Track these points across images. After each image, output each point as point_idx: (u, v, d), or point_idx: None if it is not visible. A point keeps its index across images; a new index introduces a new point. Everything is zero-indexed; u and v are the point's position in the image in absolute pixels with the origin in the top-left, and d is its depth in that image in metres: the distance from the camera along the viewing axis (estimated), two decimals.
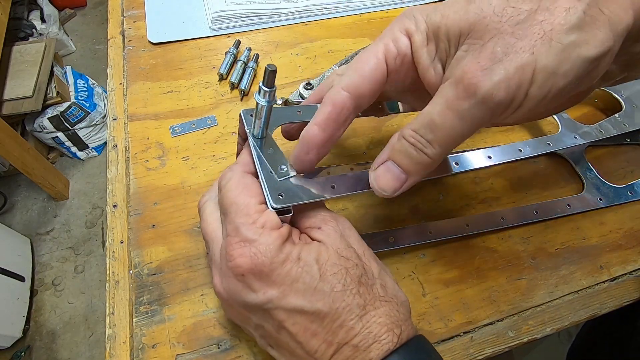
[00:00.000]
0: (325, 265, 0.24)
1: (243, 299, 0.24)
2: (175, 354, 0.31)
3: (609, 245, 0.39)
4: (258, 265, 0.23)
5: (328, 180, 0.28)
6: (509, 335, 0.33)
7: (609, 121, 0.42)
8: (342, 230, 0.27)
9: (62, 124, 1.38)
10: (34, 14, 1.68)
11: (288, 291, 0.23)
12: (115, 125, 0.43)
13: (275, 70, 0.24)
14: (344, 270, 0.24)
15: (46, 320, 1.23)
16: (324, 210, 0.28)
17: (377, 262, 0.27)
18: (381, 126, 0.45)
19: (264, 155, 0.27)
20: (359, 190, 0.28)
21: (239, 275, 0.24)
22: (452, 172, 0.32)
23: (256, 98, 0.26)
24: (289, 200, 0.26)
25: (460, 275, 0.36)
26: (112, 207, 0.38)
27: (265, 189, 0.26)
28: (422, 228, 0.37)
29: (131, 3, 0.56)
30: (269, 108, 0.26)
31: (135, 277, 0.34)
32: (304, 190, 0.27)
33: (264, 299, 0.23)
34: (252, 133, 0.28)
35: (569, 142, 0.38)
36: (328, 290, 0.23)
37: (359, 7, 0.57)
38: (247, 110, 0.29)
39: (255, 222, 0.24)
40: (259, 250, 0.23)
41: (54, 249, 1.36)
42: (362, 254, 0.27)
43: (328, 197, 0.27)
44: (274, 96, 0.26)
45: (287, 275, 0.23)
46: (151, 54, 0.50)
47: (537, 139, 0.37)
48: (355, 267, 0.25)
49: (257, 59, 0.49)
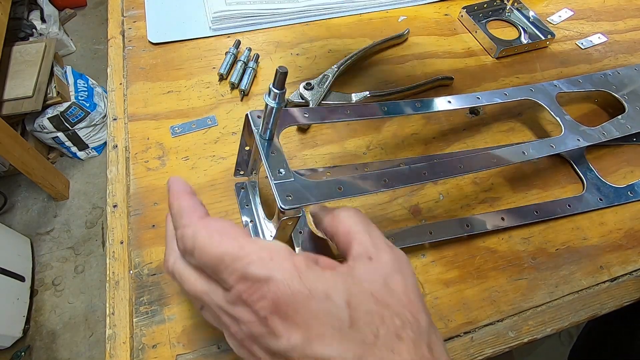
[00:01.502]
0: (357, 310, 0.21)
1: (266, 344, 0.21)
2: (175, 354, 0.31)
3: (609, 245, 0.39)
4: (280, 301, 0.20)
5: (335, 183, 0.28)
6: (510, 335, 0.33)
7: (612, 123, 0.42)
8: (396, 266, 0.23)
9: (62, 124, 1.38)
10: (34, 14, 1.68)
11: (313, 336, 0.20)
12: (115, 126, 0.43)
13: (287, 72, 0.24)
14: (379, 319, 0.21)
15: (46, 320, 1.23)
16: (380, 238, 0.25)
17: (426, 314, 0.23)
18: (381, 126, 0.45)
19: (266, 158, 0.27)
20: (367, 192, 0.28)
21: (262, 319, 0.20)
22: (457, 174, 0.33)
23: (266, 99, 0.26)
24: (297, 201, 0.26)
25: (460, 275, 0.36)
26: (112, 208, 0.38)
27: (275, 190, 0.26)
28: (422, 228, 0.37)
29: (131, 3, 0.56)
30: (278, 110, 0.26)
31: (135, 277, 0.34)
32: (312, 191, 0.27)
33: (288, 345, 0.20)
34: (260, 134, 0.28)
35: (571, 144, 0.38)
36: (359, 340, 0.20)
37: (359, 7, 0.57)
38: (254, 112, 0.29)
39: (261, 257, 0.21)
40: (277, 287, 0.20)
41: (54, 249, 1.36)
42: (410, 301, 0.22)
43: (335, 199, 0.27)
44: (284, 98, 0.26)
45: (312, 315, 0.20)
46: (151, 54, 0.50)
47: (540, 141, 0.37)
48: (394, 316, 0.21)
49: (258, 59, 0.49)
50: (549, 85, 0.44)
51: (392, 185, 0.29)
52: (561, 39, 0.56)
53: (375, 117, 0.35)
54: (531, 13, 0.57)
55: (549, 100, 0.42)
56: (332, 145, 0.43)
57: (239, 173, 0.38)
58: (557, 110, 0.41)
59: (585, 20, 0.59)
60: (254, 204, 0.38)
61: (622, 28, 0.59)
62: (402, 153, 0.43)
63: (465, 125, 0.46)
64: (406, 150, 0.44)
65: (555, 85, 0.44)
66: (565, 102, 0.45)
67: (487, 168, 0.35)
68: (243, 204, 0.38)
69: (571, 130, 0.40)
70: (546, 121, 0.47)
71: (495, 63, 0.53)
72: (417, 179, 0.31)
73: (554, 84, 0.44)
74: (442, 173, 0.32)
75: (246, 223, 0.37)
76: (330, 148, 0.43)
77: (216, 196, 0.39)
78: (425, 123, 0.46)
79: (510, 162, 0.35)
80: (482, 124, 0.47)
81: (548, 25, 0.57)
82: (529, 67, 0.53)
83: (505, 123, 0.47)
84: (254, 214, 0.37)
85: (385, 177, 0.29)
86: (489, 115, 0.47)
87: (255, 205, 0.37)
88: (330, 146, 0.43)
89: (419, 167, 0.31)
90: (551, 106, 0.42)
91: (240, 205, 0.38)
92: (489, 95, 0.41)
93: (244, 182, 0.39)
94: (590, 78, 0.46)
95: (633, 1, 0.63)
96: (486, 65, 0.52)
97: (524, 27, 0.57)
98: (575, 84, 0.45)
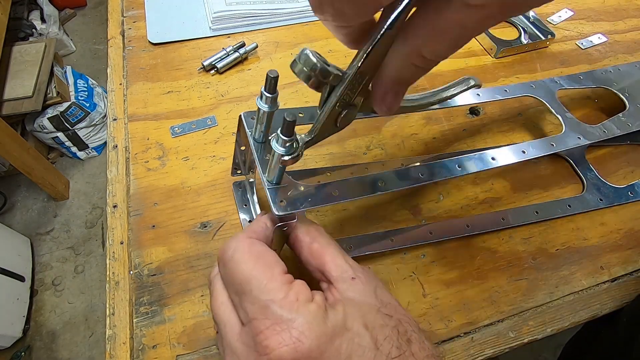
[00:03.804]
0: (375, 330, 0.21)
1: None
2: (175, 355, 0.31)
3: (609, 245, 0.39)
4: (305, 352, 0.19)
5: (330, 187, 0.28)
6: (510, 335, 0.33)
7: (613, 121, 0.42)
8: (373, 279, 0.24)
9: (62, 124, 1.38)
10: (34, 14, 1.68)
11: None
12: (115, 126, 0.43)
13: (277, 76, 0.24)
14: (393, 331, 0.21)
15: (46, 320, 1.23)
16: (351, 259, 0.25)
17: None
18: (381, 126, 0.45)
19: (260, 161, 0.27)
20: (361, 196, 0.28)
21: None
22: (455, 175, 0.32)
23: (258, 103, 0.25)
24: (291, 207, 0.25)
25: (460, 275, 0.36)
26: (112, 208, 0.38)
27: (269, 196, 0.26)
28: (423, 228, 0.37)
29: (131, 3, 0.56)
30: (271, 113, 0.26)
31: (135, 277, 0.34)
32: (306, 197, 0.26)
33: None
34: (254, 137, 0.28)
35: (572, 142, 0.38)
36: (385, 357, 0.20)
37: None
38: (247, 113, 0.29)
39: (287, 295, 0.20)
40: (302, 333, 0.19)
41: (54, 249, 1.36)
42: (397, 304, 0.23)
43: (331, 203, 0.27)
44: (276, 102, 0.25)
45: (339, 353, 0.19)
46: (151, 54, 0.50)
47: (541, 140, 0.37)
48: (399, 323, 0.22)
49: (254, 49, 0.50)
50: (550, 82, 0.44)
51: (389, 188, 0.29)
52: (561, 39, 0.56)
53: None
54: (531, 13, 0.57)
55: (549, 97, 0.42)
56: (332, 146, 0.43)
57: (237, 172, 0.38)
58: (558, 107, 0.41)
59: (585, 21, 0.59)
60: (252, 203, 0.38)
61: (622, 28, 0.59)
62: (402, 153, 0.43)
63: (465, 126, 0.46)
64: (406, 150, 0.44)
65: (556, 81, 0.44)
66: (565, 102, 0.45)
67: (486, 168, 0.34)
68: (241, 203, 0.38)
69: (572, 129, 0.39)
70: (546, 121, 0.47)
71: (495, 63, 0.53)
72: (414, 181, 0.30)
73: (554, 80, 0.44)
74: (440, 174, 0.32)
75: (244, 222, 0.37)
76: (331, 148, 0.43)
77: (216, 196, 0.39)
78: (425, 123, 0.46)
79: (509, 161, 0.35)
80: (482, 124, 0.47)
81: (548, 25, 0.57)
82: (529, 67, 0.53)
83: (505, 123, 0.47)
84: (253, 213, 0.37)
85: (382, 179, 0.29)
86: (488, 116, 0.47)
87: (254, 204, 0.38)
88: (330, 146, 0.43)
89: (416, 168, 0.31)
90: (552, 103, 0.42)
91: (238, 205, 0.38)
92: (490, 92, 0.40)
93: (242, 181, 0.39)
94: (592, 75, 0.46)
95: (633, 1, 0.63)
96: (486, 65, 0.52)
97: (524, 27, 0.57)
98: (577, 81, 0.45)
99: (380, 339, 0.20)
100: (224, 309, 0.23)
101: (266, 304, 0.20)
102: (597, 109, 0.49)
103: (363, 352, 0.20)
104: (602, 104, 0.49)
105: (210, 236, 0.36)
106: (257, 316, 0.20)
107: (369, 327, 0.20)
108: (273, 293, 0.20)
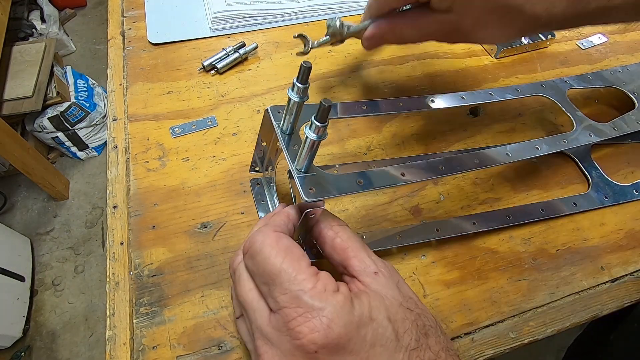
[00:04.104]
0: (397, 322, 0.22)
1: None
2: (175, 356, 0.31)
3: (610, 246, 0.39)
4: (334, 338, 0.20)
5: (355, 176, 0.28)
6: (510, 336, 0.33)
7: (623, 119, 0.42)
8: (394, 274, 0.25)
9: (62, 124, 1.38)
10: (34, 14, 1.68)
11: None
12: (115, 126, 0.43)
13: (311, 67, 0.24)
14: (413, 325, 0.23)
15: (46, 320, 1.23)
16: (373, 254, 0.26)
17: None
18: (382, 126, 0.45)
19: (289, 151, 0.28)
20: (388, 185, 0.29)
21: (311, 352, 0.21)
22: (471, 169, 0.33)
23: (289, 94, 0.26)
24: (319, 194, 0.26)
25: (461, 276, 0.36)
26: (112, 208, 0.38)
27: (298, 183, 0.26)
28: (429, 226, 0.37)
29: (131, 3, 0.56)
30: (301, 104, 0.27)
31: (135, 278, 0.34)
32: (333, 185, 0.27)
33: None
34: (282, 128, 0.29)
35: (583, 139, 0.39)
36: (404, 348, 0.22)
37: (359, 7, 0.57)
38: (274, 107, 0.30)
39: (316, 286, 0.22)
40: (331, 320, 0.21)
41: (54, 249, 1.36)
42: (417, 299, 0.25)
43: (356, 192, 0.28)
44: (307, 93, 0.26)
45: (364, 341, 0.21)
46: (151, 54, 0.50)
47: (553, 137, 0.37)
48: (419, 317, 0.23)
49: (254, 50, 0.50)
50: (560, 82, 0.44)
51: (411, 179, 0.30)
52: (561, 39, 0.56)
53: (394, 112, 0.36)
54: None
55: (560, 96, 0.43)
56: (332, 146, 0.43)
57: (254, 169, 0.38)
58: (569, 106, 0.42)
59: None
60: (270, 199, 0.38)
61: (622, 28, 0.59)
62: (402, 153, 0.43)
63: (465, 126, 0.46)
64: (407, 150, 0.44)
65: (566, 81, 0.44)
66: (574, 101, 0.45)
67: (501, 163, 0.35)
68: (258, 199, 0.39)
69: (583, 126, 0.40)
70: (547, 121, 0.47)
71: (495, 63, 0.53)
72: (434, 173, 0.31)
73: (564, 80, 0.44)
74: (459, 167, 0.32)
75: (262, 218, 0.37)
76: (331, 148, 0.43)
77: (216, 197, 0.39)
78: (425, 124, 0.46)
79: (523, 157, 0.35)
80: (482, 124, 0.47)
81: None
82: (529, 67, 0.53)
83: (506, 123, 0.47)
84: (270, 209, 0.38)
85: (403, 170, 0.30)
86: (489, 116, 0.47)
87: (272, 200, 0.38)
88: (330, 146, 0.43)
89: (436, 161, 0.32)
90: (562, 102, 0.42)
91: (255, 201, 0.38)
92: (501, 91, 0.41)
93: (259, 178, 0.40)
94: (600, 75, 0.47)
95: None
96: (486, 65, 0.52)
97: None
98: (586, 81, 0.45)
99: (401, 331, 0.22)
100: (253, 296, 0.24)
101: (297, 294, 0.21)
102: (605, 108, 0.49)
103: (385, 342, 0.21)
104: (611, 103, 0.49)
105: (211, 237, 0.36)
106: (289, 305, 0.21)
107: (391, 319, 0.22)
108: (303, 284, 0.22)
